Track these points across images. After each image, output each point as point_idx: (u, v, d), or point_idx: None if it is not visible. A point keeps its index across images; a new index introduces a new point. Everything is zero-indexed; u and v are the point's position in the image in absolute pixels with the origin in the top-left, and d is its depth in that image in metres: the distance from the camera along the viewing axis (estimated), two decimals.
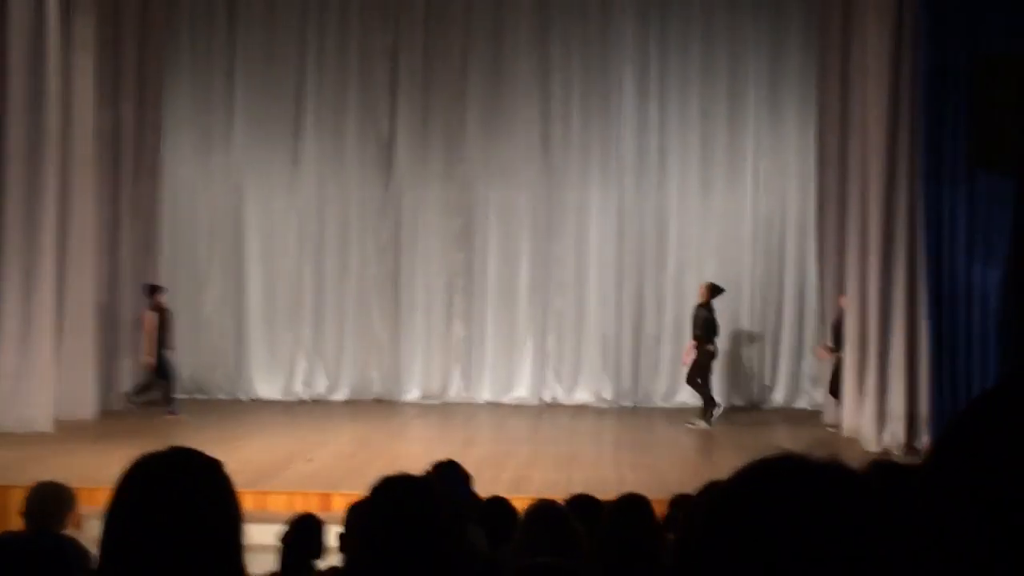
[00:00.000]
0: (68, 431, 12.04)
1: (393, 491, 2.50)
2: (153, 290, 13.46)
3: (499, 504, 5.74)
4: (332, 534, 5.28)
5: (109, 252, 13.78)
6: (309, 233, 15.48)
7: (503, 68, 15.35)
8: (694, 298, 14.94)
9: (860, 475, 1.26)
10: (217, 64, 15.53)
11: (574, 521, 4.22)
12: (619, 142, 15.35)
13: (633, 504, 4.27)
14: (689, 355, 13.48)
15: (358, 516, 2.63)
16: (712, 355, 13.46)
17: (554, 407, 15.06)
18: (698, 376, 13.43)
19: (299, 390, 15.32)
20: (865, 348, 11.89)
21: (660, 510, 5.16)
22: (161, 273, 14.85)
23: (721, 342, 14.63)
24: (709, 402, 13.44)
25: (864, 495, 1.23)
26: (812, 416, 14.14)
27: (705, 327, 13.36)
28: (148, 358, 13.19)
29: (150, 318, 13.25)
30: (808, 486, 1.22)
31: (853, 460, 1.40)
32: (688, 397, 14.86)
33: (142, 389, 13.65)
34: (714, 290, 13.62)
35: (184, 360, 15.32)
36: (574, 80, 15.37)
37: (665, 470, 10.61)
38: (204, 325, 15.37)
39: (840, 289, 13.01)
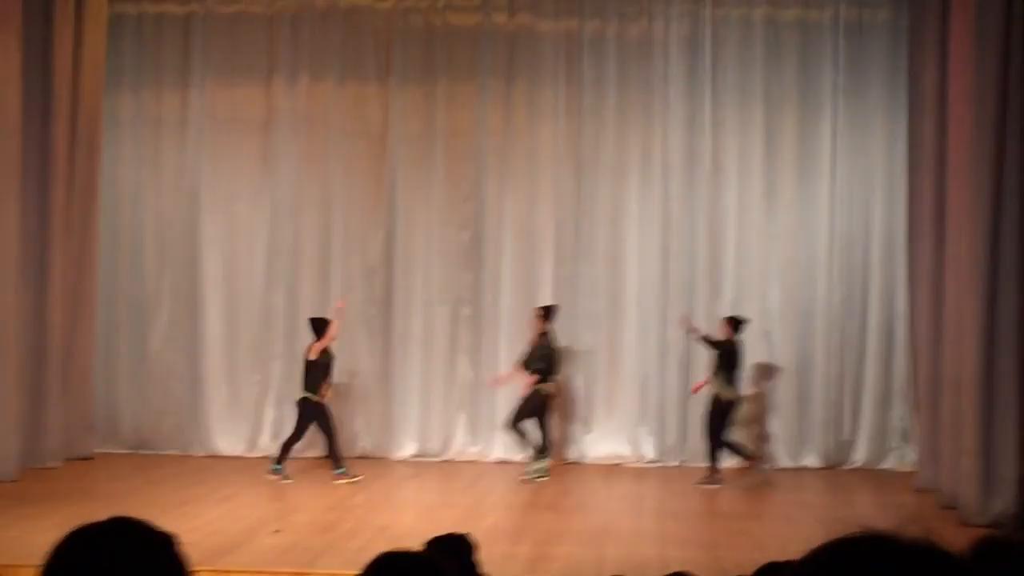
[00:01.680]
0: None
1: (392, 572, 2.51)
2: (323, 324, 13.65)
3: None
4: None
5: (35, 273, 13.73)
6: (281, 249, 15.51)
7: (520, 45, 15.40)
8: (757, 332, 14.93)
9: (960, 558, 1.27)
10: (168, 38, 15.60)
11: None
12: (664, 137, 15.36)
13: None
14: (526, 391, 13.92)
15: None
16: (551, 396, 13.98)
17: (581, 467, 15.03)
18: (528, 418, 13.83)
19: (266, 444, 15.31)
20: (963, 394, 11.81)
21: None
22: (100, 300, 14.91)
23: (789, 387, 14.60)
24: (544, 448, 13.91)
25: None
26: (902, 479, 14.07)
27: (548, 360, 13.88)
28: (327, 391, 13.63)
29: (317, 352, 13.52)
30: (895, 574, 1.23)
31: (953, 538, 1.40)
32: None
33: (290, 443, 13.66)
34: (549, 313, 14.06)
35: (126, 407, 15.37)
36: (609, 60, 15.40)
37: (721, 547, 10.57)
38: (150, 363, 15.39)
39: (937, 323, 12.95)
